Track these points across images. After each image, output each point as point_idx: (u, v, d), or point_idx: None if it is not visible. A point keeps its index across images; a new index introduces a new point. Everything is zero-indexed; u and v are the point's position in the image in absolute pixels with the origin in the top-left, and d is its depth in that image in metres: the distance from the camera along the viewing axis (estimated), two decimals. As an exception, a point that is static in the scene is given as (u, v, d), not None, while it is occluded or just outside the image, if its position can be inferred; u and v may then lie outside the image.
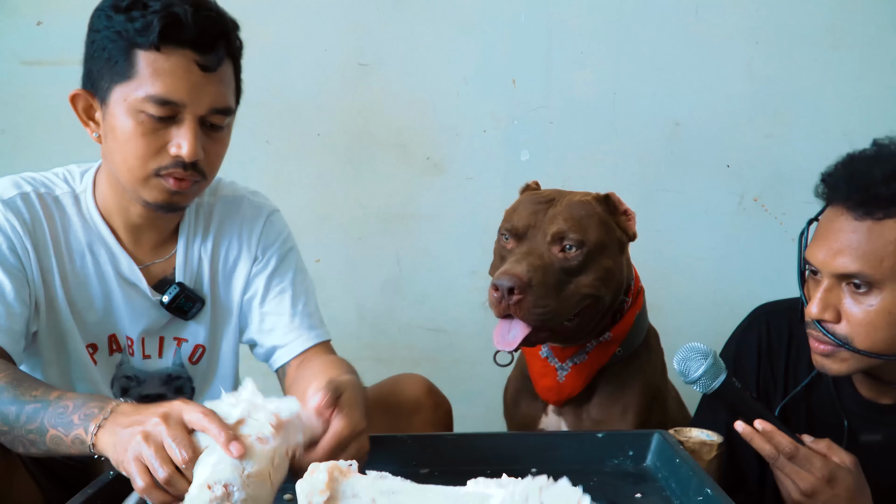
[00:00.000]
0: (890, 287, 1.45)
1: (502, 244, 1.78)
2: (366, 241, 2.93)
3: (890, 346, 1.49)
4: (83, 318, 1.69)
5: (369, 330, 2.95)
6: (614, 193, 1.82)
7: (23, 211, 1.61)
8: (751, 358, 1.78)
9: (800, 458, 1.45)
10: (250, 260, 1.81)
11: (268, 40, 2.80)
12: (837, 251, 1.48)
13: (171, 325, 1.76)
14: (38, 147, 2.69)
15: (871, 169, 1.47)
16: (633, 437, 1.51)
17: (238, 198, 1.84)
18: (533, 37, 2.84)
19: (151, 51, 1.48)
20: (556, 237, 1.70)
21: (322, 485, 1.14)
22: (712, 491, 1.23)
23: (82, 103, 1.59)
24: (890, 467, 1.64)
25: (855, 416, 1.67)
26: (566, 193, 1.81)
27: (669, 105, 2.87)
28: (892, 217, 1.44)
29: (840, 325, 1.50)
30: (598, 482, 1.39)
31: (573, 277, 1.70)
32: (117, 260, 1.69)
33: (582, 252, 1.70)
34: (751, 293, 2.44)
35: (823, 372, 1.57)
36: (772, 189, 2.89)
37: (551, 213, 1.73)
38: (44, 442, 1.34)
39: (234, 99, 1.62)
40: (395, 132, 2.89)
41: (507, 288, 1.61)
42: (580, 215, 1.73)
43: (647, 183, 2.90)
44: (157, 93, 1.49)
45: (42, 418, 1.34)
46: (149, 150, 1.53)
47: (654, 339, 1.96)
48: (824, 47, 2.83)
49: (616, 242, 1.79)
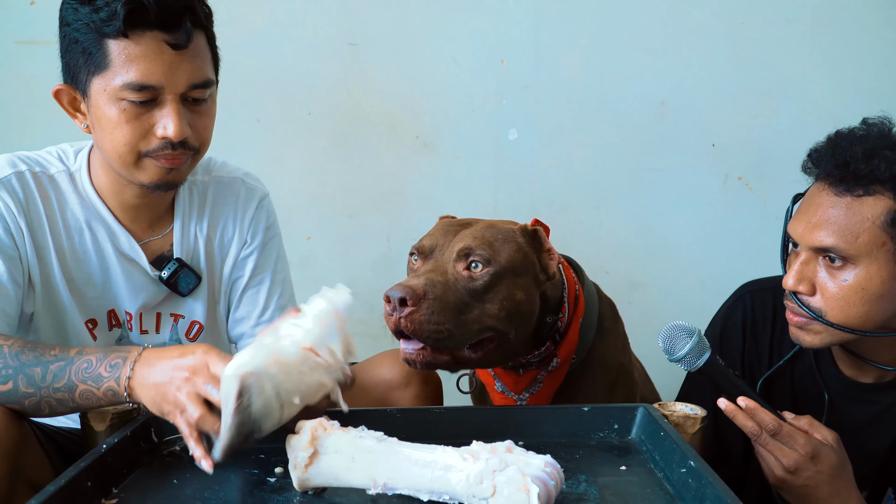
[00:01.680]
0: (865, 263, 1.48)
1: (411, 265, 1.66)
2: (356, 220, 2.95)
3: (863, 322, 1.51)
4: (82, 294, 1.71)
5: (361, 307, 2.96)
6: (541, 230, 1.67)
7: (17, 190, 1.63)
8: (736, 334, 1.80)
9: (783, 435, 1.47)
10: (241, 242, 1.85)
11: (259, 20, 2.80)
12: (816, 225, 1.51)
13: (168, 301, 1.79)
14: (32, 126, 2.69)
15: (853, 146, 1.50)
16: (618, 410, 1.53)
17: (233, 179, 1.87)
18: (522, 18, 2.86)
19: (120, 38, 1.49)
20: (461, 253, 1.56)
21: (305, 442, 1.23)
22: (696, 463, 1.25)
23: (66, 97, 1.61)
24: (872, 443, 1.67)
25: (837, 393, 1.69)
26: (482, 220, 1.69)
27: (656, 85, 2.90)
28: (871, 195, 1.47)
29: (815, 297, 1.54)
30: (584, 455, 1.42)
31: (477, 302, 1.54)
32: (116, 236, 1.71)
33: (488, 272, 1.54)
34: (735, 271, 2.48)
35: (798, 343, 1.60)
36: (756, 168, 2.93)
37: (463, 232, 1.62)
38: (73, 398, 1.39)
39: (211, 69, 1.62)
40: (385, 112, 2.91)
41: (398, 299, 1.46)
42: (493, 237, 1.60)
43: (634, 162, 2.93)
44: (133, 79, 1.50)
45: (69, 374, 1.38)
46: (135, 135, 1.55)
47: (610, 316, 1.85)
48: (809, 28, 2.86)
49: (532, 275, 1.62)
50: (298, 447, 1.24)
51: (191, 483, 1.33)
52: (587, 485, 1.29)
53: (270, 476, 1.35)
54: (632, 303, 2.92)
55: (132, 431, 1.41)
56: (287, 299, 1.91)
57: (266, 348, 1.25)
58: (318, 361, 1.28)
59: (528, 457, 1.17)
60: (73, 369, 1.39)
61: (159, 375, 1.32)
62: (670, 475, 1.31)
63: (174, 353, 1.34)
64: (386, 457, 1.21)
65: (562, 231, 2.90)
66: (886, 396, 1.66)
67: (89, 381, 1.38)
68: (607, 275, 2.89)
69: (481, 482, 1.14)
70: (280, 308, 1.88)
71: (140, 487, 1.32)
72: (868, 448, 1.67)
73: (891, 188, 1.46)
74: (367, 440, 1.23)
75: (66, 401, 1.40)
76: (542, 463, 1.15)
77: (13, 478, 1.35)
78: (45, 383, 1.39)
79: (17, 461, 1.38)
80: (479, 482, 1.14)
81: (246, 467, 1.39)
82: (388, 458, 1.21)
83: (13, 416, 1.40)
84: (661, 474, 1.34)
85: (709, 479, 1.19)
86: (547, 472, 1.14)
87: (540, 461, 1.16)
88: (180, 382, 1.29)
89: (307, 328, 1.30)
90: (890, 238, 1.46)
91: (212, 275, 1.84)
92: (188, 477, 1.35)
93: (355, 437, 1.24)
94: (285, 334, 1.29)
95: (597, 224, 2.95)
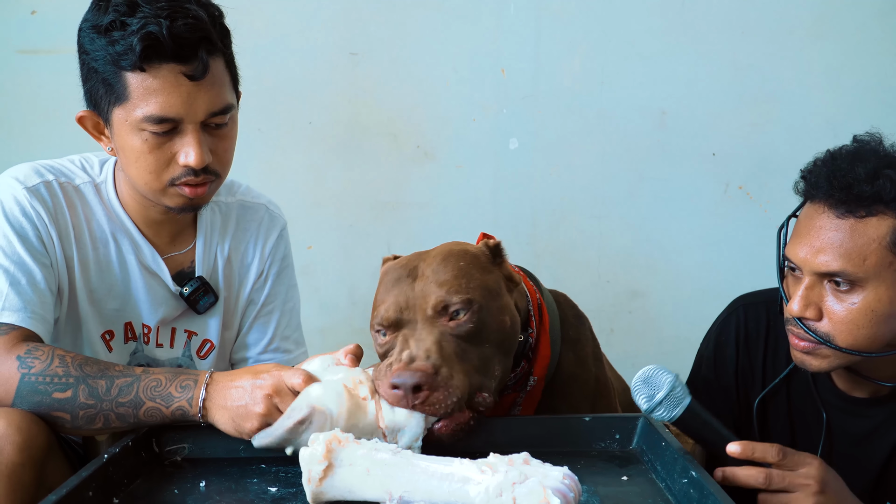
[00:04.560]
0: (872, 285, 1.45)
1: (380, 343, 1.50)
2: (357, 228, 2.96)
3: (871, 344, 1.48)
4: (102, 305, 1.72)
5: (360, 316, 2.97)
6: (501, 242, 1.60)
7: (47, 199, 1.63)
8: (729, 349, 1.78)
9: (789, 459, 1.43)
10: (259, 268, 1.87)
11: (260, 29, 2.81)
12: (819, 249, 1.47)
13: (184, 318, 1.80)
14: (34, 135, 2.70)
15: (854, 167, 1.46)
16: (620, 420, 1.53)
17: (257, 205, 1.90)
18: (522, 27, 2.87)
19: (137, 72, 1.50)
20: (437, 309, 1.44)
21: (320, 455, 1.22)
22: (697, 473, 1.25)
23: (90, 122, 1.62)
24: (868, 457, 1.66)
25: (833, 408, 1.67)
26: (426, 254, 1.56)
27: (656, 94, 2.90)
28: (874, 215, 1.44)
29: (822, 322, 1.50)
30: (585, 465, 1.42)
31: (473, 345, 1.45)
32: (140, 249, 1.72)
33: (474, 312, 1.44)
34: (735, 280, 2.48)
35: (804, 368, 1.56)
36: (756, 178, 2.93)
37: (420, 284, 1.48)
38: (136, 414, 1.44)
39: (231, 93, 1.63)
40: (386, 121, 2.91)
41: (411, 386, 1.34)
42: (456, 272, 1.48)
43: (634, 171, 2.93)
44: (152, 112, 1.51)
45: (136, 391, 1.44)
46: (158, 164, 1.57)
47: (574, 322, 1.75)
48: (809, 38, 2.86)
49: (504, 291, 1.54)
50: (313, 460, 1.22)
51: (191, 493, 1.33)
52: (588, 495, 1.29)
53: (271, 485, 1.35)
54: (632, 312, 2.91)
55: (133, 441, 1.41)
56: (293, 329, 1.94)
57: (351, 400, 1.36)
58: (381, 444, 1.30)
59: (546, 468, 1.17)
60: (142, 386, 1.44)
61: (238, 398, 1.40)
62: (672, 485, 1.31)
63: (246, 375, 1.44)
64: (402, 470, 1.20)
65: (562, 240, 2.92)
66: (881, 410, 1.64)
67: (158, 399, 1.43)
68: (608, 284, 2.89)
69: (500, 494, 1.13)
70: (285, 338, 1.91)
71: (141, 497, 1.32)
72: (863, 462, 1.65)
73: (894, 207, 1.44)
74: (382, 453, 1.23)
75: (127, 416, 1.44)
76: (560, 475, 1.15)
77: (38, 485, 1.37)
78: (110, 396, 1.44)
79: (42, 469, 1.39)
80: (498, 494, 1.14)
81: (247, 476, 1.39)
82: (403, 470, 1.20)
83: (41, 424, 1.42)
84: (663, 484, 1.34)
85: (710, 489, 1.20)
86: (566, 483, 1.14)
87: (558, 473, 1.15)
88: (262, 402, 1.38)
89: (396, 412, 1.37)
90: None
91: (228, 296, 1.85)
92: (189, 487, 1.35)
93: (370, 449, 1.23)
94: (376, 398, 1.38)
95: (597, 233, 2.95)
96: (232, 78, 1.64)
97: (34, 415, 1.42)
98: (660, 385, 1.43)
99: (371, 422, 1.35)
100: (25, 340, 1.50)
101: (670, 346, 2.84)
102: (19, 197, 1.61)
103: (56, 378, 1.43)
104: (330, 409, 1.32)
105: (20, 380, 1.43)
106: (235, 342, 1.90)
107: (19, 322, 1.52)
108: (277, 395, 1.38)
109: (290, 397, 1.38)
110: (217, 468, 1.43)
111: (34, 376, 1.43)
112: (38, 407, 1.43)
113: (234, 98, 1.65)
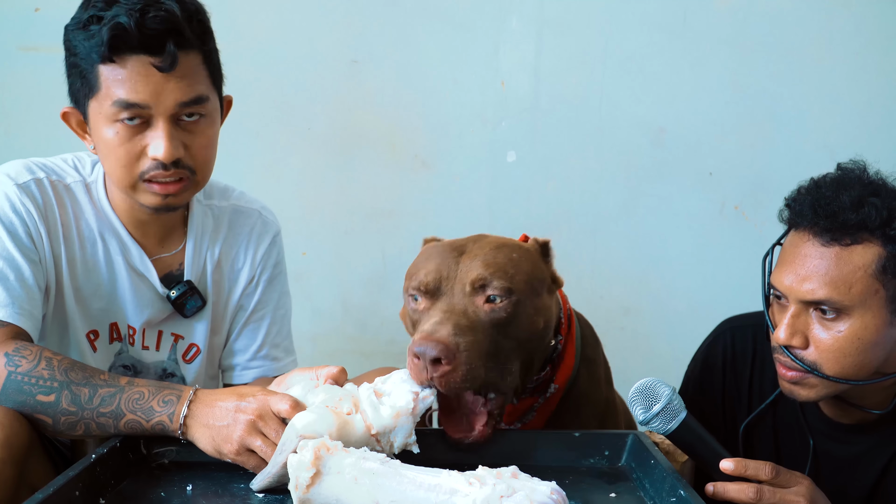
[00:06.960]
0: (858, 313, 1.45)
1: (413, 307, 1.53)
2: (352, 236, 2.95)
3: (858, 371, 1.48)
4: (88, 304, 1.71)
5: (353, 324, 2.97)
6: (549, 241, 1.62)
7: (37, 196, 1.63)
8: (716, 372, 1.78)
9: (781, 478, 1.42)
10: (250, 274, 1.87)
11: (260, 35, 2.81)
12: (805, 277, 1.47)
13: (171, 321, 1.79)
14: (34, 132, 2.69)
15: (839, 195, 1.46)
16: (609, 437, 1.53)
17: (250, 210, 1.89)
18: (523, 40, 2.87)
19: (107, 63, 1.51)
20: (476, 285, 1.46)
21: (308, 462, 1.22)
22: (685, 492, 1.25)
23: (74, 120, 1.63)
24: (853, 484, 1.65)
25: (819, 434, 1.67)
26: (480, 238, 1.58)
27: (655, 111, 2.90)
28: (859, 243, 1.44)
29: (808, 350, 1.49)
30: (574, 481, 1.42)
31: (504, 338, 1.46)
32: (128, 250, 1.72)
33: (511, 302, 1.46)
34: (727, 299, 2.48)
35: (792, 398, 1.56)
36: (752, 197, 2.93)
37: (466, 260, 1.50)
38: (116, 425, 1.43)
39: (207, 86, 1.61)
40: (385, 129, 2.91)
41: (431, 358, 1.36)
42: (506, 260, 1.50)
43: (631, 187, 2.93)
44: (119, 97, 1.52)
45: (118, 402, 1.43)
46: (129, 156, 1.56)
47: (591, 342, 1.77)
48: (809, 60, 2.87)
49: (546, 291, 1.57)
50: (301, 467, 1.22)
51: (178, 496, 1.34)
52: (576, 510, 1.29)
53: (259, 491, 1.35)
54: (624, 328, 2.91)
55: (121, 442, 1.41)
56: (283, 337, 1.93)
57: (338, 419, 1.34)
58: (376, 450, 1.33)
59: (534, 483, 1.17)
60: (124, 398, 1.44)
61: (220, 418, 1.40)
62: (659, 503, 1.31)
63: (231, 396, 1.42)
64: (389, 479, 1.20)
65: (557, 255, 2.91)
66: (867, 438, 1.64)
67: (139, 413, 1.43)
68: (601, 299, 2.89)
69: None
70: (275, 346, 1.90)
71: (128, 498, 1.32)
72: (850, 489, 1.65)
73: (880, 235, 1.44)
74: (370, 462, 1.23)
75: (107, 426, 1.44)
76: (548, 489, 1.15)
77: (18, 483, 1.36)
78: (92, 406, 1.43)
79: (24, 467, 1.39)
80: None
81: (234, 481, 1.39)
82: (391, 480, 1.20)
83: (24, 422, 1.42)
84: (651, 502, 1.34)
85: (698, 508, 1.20)
86: (554, 499, 1.14)
87: (546, 488, 1.16)
88: (244, 425, 1.37)
89: (382, 416, 1.36)
90: (882, 285, 1.44)
91: (217, 300, 1.84)
92: (175, 490, 1.36)
93: (359, 458, 1.23)
94: (361, 408, 1.37)
95: (592, 248, 2.96)
96: (211, 75, 1.63)
97: (17, 412, 1.42)
98: (657, 397, 1.43)
99: (361, 434, 1.35)
100: (14, 337, 1.50)
101: (661, 363, 2.81)
102: (10, 193, 1.61)
103: (41, 380, 1.43)
104: (319, 433, 1.31)
105: (6, 377, 1.43)
106: (224, 348, 1.89)
107: (7, 318, 1.52)
108: (261, 419, 1.38)
109: (275, 422, 1.38)
110: (204, 472, 1.43)
111: (20, 375, 1.43)
112: (21, 406, 1.43)
113: (213, 93, 1.63)
